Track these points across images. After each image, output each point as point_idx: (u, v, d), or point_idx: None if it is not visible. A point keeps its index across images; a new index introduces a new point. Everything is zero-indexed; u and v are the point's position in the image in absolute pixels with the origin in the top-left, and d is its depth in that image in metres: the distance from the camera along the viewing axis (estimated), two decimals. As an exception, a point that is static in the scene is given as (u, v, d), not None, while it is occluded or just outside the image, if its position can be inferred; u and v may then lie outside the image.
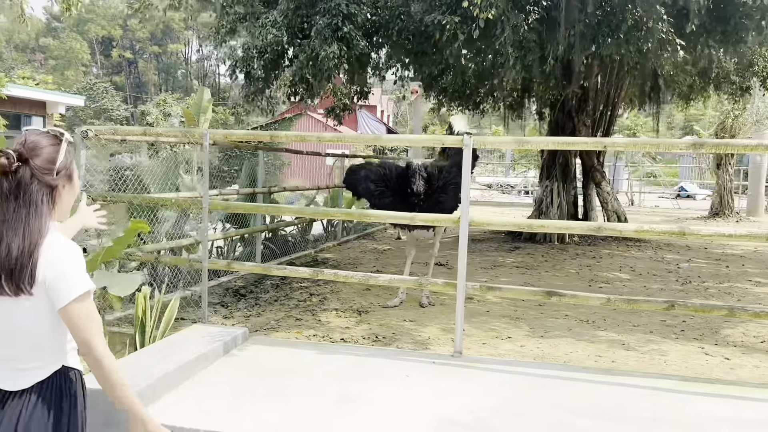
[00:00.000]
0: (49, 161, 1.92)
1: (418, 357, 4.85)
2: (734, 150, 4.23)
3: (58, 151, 1.94)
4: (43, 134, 1.95)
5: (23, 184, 1.86)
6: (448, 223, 4.93)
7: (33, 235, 1.83)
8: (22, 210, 1.85)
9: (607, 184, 12.98)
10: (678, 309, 4.42)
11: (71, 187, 2.01)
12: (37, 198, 1.87)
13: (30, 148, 1.90)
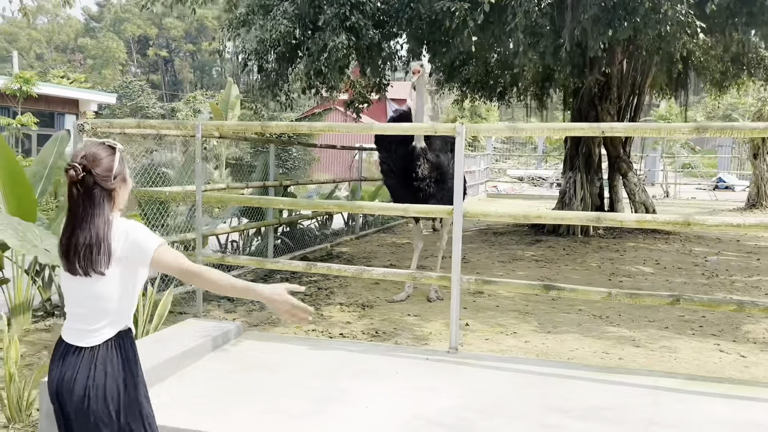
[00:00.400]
0: (107, 170, 2.29)
1: (412, 353, 4.70)
2: (741, 134, 3.96)
3: (113, 161, 2.32)
4: (101, 146, 2.33)
5: (88, 189, 2.26)
6: (442, 214, 4.75)
7: (98, 229, 2.25)
8: (88, 210, 2.26)
9: (634, 174, 12.56)
10: (683, 303, 4.17)
11: (125, 186, 2.40)
12: (99, 200, 2.27)
13: (91, 159, 2.27)
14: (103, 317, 2.29)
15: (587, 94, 11.29)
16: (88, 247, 2.23)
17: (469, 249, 11.06)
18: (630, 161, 12.68)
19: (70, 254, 2.26)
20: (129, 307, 2.38)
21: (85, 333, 2.28)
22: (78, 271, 2.25)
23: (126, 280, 2.33)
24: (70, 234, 2.27)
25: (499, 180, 34.69)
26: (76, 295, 2.32)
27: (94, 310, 2.29)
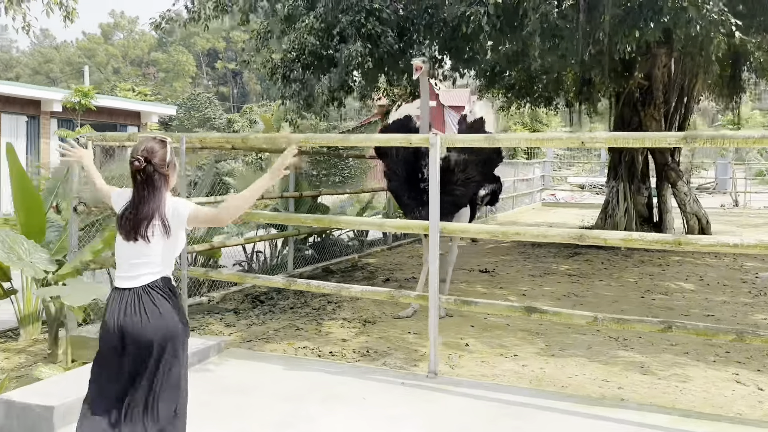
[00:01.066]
0: (162, 159, 2.87)
1: (390, 377, 4.46)
2: (734, 143, 3.54)
3: (166, 152, 2.89)
4: (155, 141, 2.89)
5: (149, 175, 2.83)
6: (419, 230, 4.49)
7: (154, 205, 2.81)
8: (150, 190, 2.82)
9: (684, 183, 11.82)
10: (676, 331, 3.76)
11: (175, 171, 2.98)
12: (157, 183, 2.85)
13: (150, 152, 2.83)
14: (151, 267, 2.82)
15: (628, 98, 10.69)
16: (145, 220, 2.79)
17: (501, 261, 10.68)
18: (679, 169, 11.95)
19: (127, 225, 2.81)
20: (171, 261, 2.93)
21: (135, 279, 2.80)
22: (137, 238, 2.79)
23: (170, 243, 2.85)
24: (135, 210, 2.82)
25: (558, 188, 33.71)
26: (128, 254, 2.84)
27: (143, 263, 2.81)
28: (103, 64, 77.09)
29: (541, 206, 26.71)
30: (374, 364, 5.10)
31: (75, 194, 5.59)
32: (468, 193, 6.17)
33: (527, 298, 7.77)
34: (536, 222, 18.90)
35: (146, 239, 2.78)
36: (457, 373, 4.90)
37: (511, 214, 21.68)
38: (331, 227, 6.05)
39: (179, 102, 54.15)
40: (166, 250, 2.85)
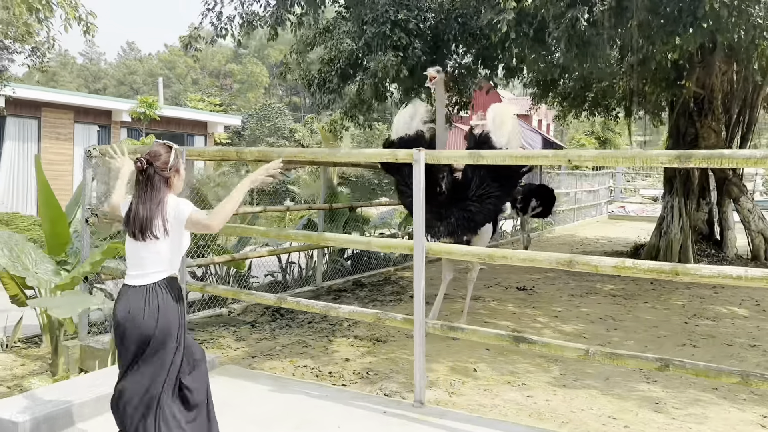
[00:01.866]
0: (164, 162, 3.07)
1: (373, 404, 4.24)
2: (733, 163, 3.12)
3: (169, 157, 3.09)
4: (162, 146, 3.12)
5: (150, 176, 3.03)
6: (404, 250, 4.27)
7: (153, 205, 2.98)
8: (149, 192, 3.01)
9: (747, 200, 11.00)
10: (673, 370, 3.37)
11: (179, 176, 3.16)
12: (158, 185, 3.02)
13: (153, 155, 3.06)
14: (156, 266, 3.01)
15: (683, 109, 10.04)
16: (144, 219, 2.96)
17: (544, 279, 10.24)
18: (742, 184, 11.12)
19: (131, 224, 2.99)
20: (176, 260, 3.10)
21: (141, 277, 3.00)
22: (142, 238, 2.97)
23: (174, 242, 3.04)
24: (133, 209, 3.00)
25: (628, 200, 32.37)
26: (135, 253, 3.04)
27: (149, 261, 3.01)
28: (182, 75, 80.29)
29: (607, 219, 25.70)
30: (370, 388, 4.89)
31: (87, 206, 5.67)
32: (484, 210, 5.86)
33: (558, 319, 7.38)
34: (594, 236, 18.17)
35: (150, 238, 2.97)
36: (453, 402, 4.63)
37: (570, 227, 20.95)
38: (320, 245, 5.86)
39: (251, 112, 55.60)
40: (169, 249, 3.04)
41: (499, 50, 7.73)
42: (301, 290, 8.33)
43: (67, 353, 5.48)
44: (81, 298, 4.62)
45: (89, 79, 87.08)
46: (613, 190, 34.35)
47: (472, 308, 7.88)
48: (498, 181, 5.84)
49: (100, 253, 4.99)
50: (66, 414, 3.76)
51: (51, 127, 19.38)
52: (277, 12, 8.16)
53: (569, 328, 6.94)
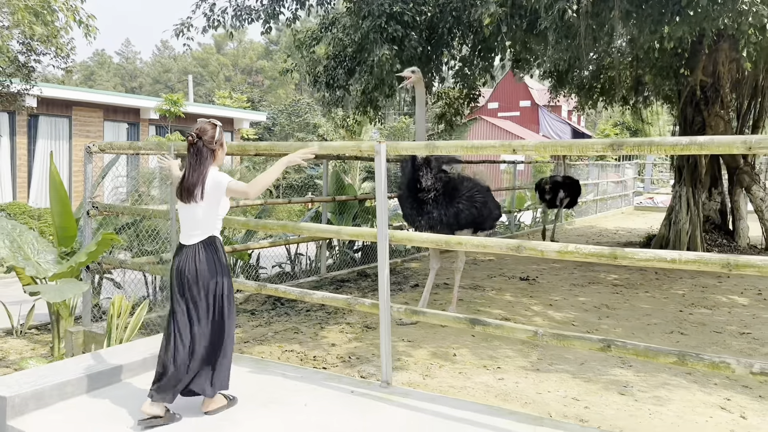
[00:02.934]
0: (211, 137, 3.70)
1: (344, 384, 4.44)
2: (661, 150, 3.20)
3: (215, 132, 3.73)
4: (208, 123, 3.75)
5: (198, 149, 3.67)
6: (370, 238, 4.46)
7: (201, 174, 3.64)
8: (197, 161, 3.65)
9: (760, 188, 10.85)
10: (615, 350, 3.49)
11: (222, 149, 3.80)
12: (204, 155, 3.67)
13: (201, 130, 3.69)
14: (198, 228, 3.71)
15: (690, 97, 9.97)
16: (190, 185, 3.63)
17: (549, 269, 10.31)
18: (755, 173, 10.97)
19: (182, 189, 3.66)
20: (215, 222, 3.76)
21: (189, 237, 3.73)
22: (185, 199, 3.66)
23: (213, 207, 3.69)
24: (185, 177, 3.67)
25: (657, 191, 31.87)
26: (184, 216, 3.76)
27: (193, 224, 3.71)
28: (215, 73, 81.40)
29: (633, 210, 25.41)
30: (349, 371, 5.11)
31: (89, 199, 6.00)
32: (467, 211, 6.10)
33: (552, 308, 7.48)
34: (615, 227, 18.06)
35: (196, 201, 3.63)
36: (426, 384, 4.82)
37: (593, 218, 20.82)
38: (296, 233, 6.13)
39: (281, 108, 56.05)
40: (212, 213, 3.72)
41: (494, 42, 7.82)
42: (305, 280, 8.59)
43: (71, 338, 5.83)
44: (72, 285, 4.92)
45: (125, 78, 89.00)
46: (643, 180, 33.95)
47: (470, 297, 8.04)
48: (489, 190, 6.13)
49: (96, 244, 5.29)
50: (52, 390, 4.05)
51: (81, 126, 20.00)
52: (269, 7, 8.37)
53: (560, 316, 7.04)
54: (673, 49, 7.76)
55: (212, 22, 8.68)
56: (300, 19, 9.28)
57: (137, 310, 5.29)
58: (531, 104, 42.60)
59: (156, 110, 20.22)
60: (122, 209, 6.09)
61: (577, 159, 24.58)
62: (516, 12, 7.26)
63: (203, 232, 3.71)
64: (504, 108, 43.63)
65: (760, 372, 3.15)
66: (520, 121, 42.01)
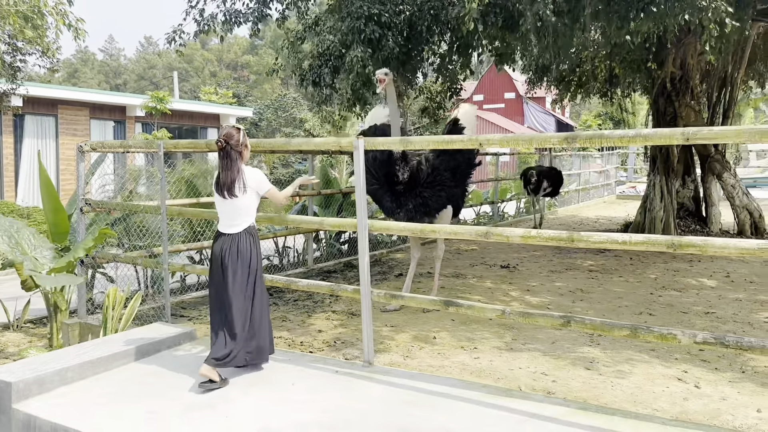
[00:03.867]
0: (237, 141, 4.29)
1: (330, 365, 4.74)
2: (611, 142, 3.53)
3: (240, 136, 4.32)
4: (233, 128, 4.33)
5: (227, 152, 4.26)
6: (349, 228, 4.76)
7: (234, 172, 4.25)
8: (228, 162, 4.25)
9: (731, 176, 11.26)
10: (574, 325, 3.82)
11: (247, 149, 4.40)
12: (234, 157, 4.27)
13: (228, 135, 4.29)
14: (238, 218, 4.33)
15: (662, 89, 10.33)
16: (228, 183, 4.24)
17: (531, 257, 10.66)
18: (726, 161, 11.38)
19: (221, 187, 4.27)
20: (252, 213, 4.40)
21: (230, 226, 4.35)
22: (225, 196, 4.26)
23: (250, 200, 4.34)
24: (219, 176, 4.30)
25: (640, 180, 32.40)
26: (223, 209, 4.36)
27: (233, 215, 4.33)
28: (200, 68, 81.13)
29: (615, 199, 25.86)
30: (334, 354, 5.42)
31: (82, 196, 6.25)
32: (437, 196, 6.38)
33: (529, 293, 7.81)
34: (596, 216, 18.46)
35: (234, 196, 4.23)
36: (406, 364, 5.13)
37: (574, 207, 21.22)
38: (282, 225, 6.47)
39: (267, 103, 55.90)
40: (249, 205, 4.34)
41: (472, 40, 8.11)
42: (292, 272, 8.88)
43: (67, 329, 6.09)
44: (67, 278, 5.19)
45: (110, 75, 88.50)
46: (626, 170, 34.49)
47: (452, 285, 8.36)
48: (448, 171, 6.39)
49: (92, 239, 5.55)
50: (54, 376, 4.33)
51: (68, 124, 20.09)
52: (258, 9, 8.61)
53: (536, 301, 7.38)
54: (642, 43, 8.08)
55: (203, 27, 8.91)
56: (288, 20, 9.52)
57: (131, 302, 5.56)
58: (516, 96, 42.95)
59: (142, 107, 20.35)
60: (114, 206, 6.34)
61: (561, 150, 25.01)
62: (491, 10, 7.56)
63: (244, 221, 4.34)
64: (489, 100, 43.97)
65: (702, 341, 3.49)
66: (506, 113, 42.38)
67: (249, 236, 4.35)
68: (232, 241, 4.30)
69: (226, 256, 4.27)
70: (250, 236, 4.37)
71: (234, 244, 4.29)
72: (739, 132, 3.10)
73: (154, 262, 6.08)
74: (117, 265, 6.91)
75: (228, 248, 4.28)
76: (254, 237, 4.40)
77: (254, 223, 4.45)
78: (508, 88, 42.86)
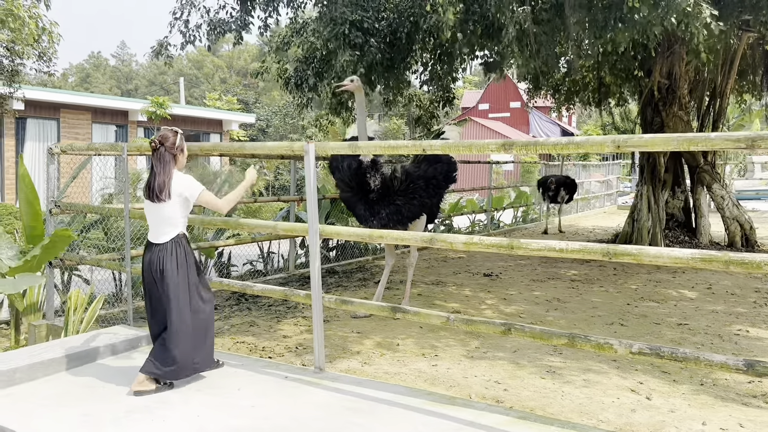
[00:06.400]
0: (172, 143, 4.15)
1: (281, 371, 4.71)
2: (545, 149, 3.49)
3: (176, 139, 4.16)
4: (170, 131, 4.18)
5: (160, 154, 4.11)
6: (302, 233, 4.74)
7: (165, 176, 4.08)
8: (160, 166, 4.09)
9: (721, 187, 11.15)
10: (515, 333, 3.78)
11: (183, 154, 4.25)
12: (167, 159, 4.11)
13: (163, 138, 4.14)
14: (165, 227, 4.15)
15: (649, 98, 10.27)
16: (157, 187, 4.05)
17: (515, 266, 10.60)
18: (715, 171, 11.28)
19: (150, 189, 4.08)
20: (179, 224, 4.19)
21: (157, 236, 4.17)
22: (153, 200, 4.08)
23: (177, 208, 4.14)
24: (150, 179, 4.12)
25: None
26: (151, 216, 4.20)
27: (160, 222, 4.15)
28: (210, 75, 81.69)
29: (616, 209, 25.69)
30: (294, 360, 5.39)
31: (51, 198, 6.28)
32: (410, 204, 6.37)
33: (506, 302, 7.76)
34: (592, 226, 18.36)
35: (164, 200, 4.05)
36: (363, 371, 5.10)
37: (573, 217, 21.10)
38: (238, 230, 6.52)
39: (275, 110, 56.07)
40: (179, 212, 4.17)
41: (452, 49, 8.10)
42: (272, 277, 8.88)
43: (34, 330, 6.11)
44: (28, 278, 5.21)
45: (121, 80, 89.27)
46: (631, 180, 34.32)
47: (430, 292, 8.33)
48: (422, 180, 6.38)
49: (50, 241, 5.57)
50: (1, 376, 4.33)
51: (69, 128, 20.23)
52: (241, 18, 8.66)
53: (510, 309, 7.33)
54: (625, 52, 8.04)
55: (189, 38, 8.97)
56: (270, 28, 9.57)
57: (93, 304, 5.57)
58: (521, 105, 42.90)
59: (142, 112, 20.50)
60: (81, 207, 6.36)
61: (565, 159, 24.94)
62: (470, 18, 7.55)
63: (171, 230, 4.14)
64: (494, 109, 43.96)
65: (638, 352, 3.44)
66: (511, 122, 42.34)
67: (176, 246, 4.15)
68: (160, 251, 4.12)
69: (155, 267, 4.10)
70: (178, 246, 4.16)
71: (161, 255, 4.11)
72: (668, 140, 3.06)
73: (118, 264, 6.09)
74: (92, 267, 6.93)
75: (158, 259, 4.11)
76: (182, 247, 4.19)
77: (183, 233, 4.24)
78: (514, 97, 42.82)
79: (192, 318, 4.19)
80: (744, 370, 3.17)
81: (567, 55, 8.89)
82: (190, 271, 4.21)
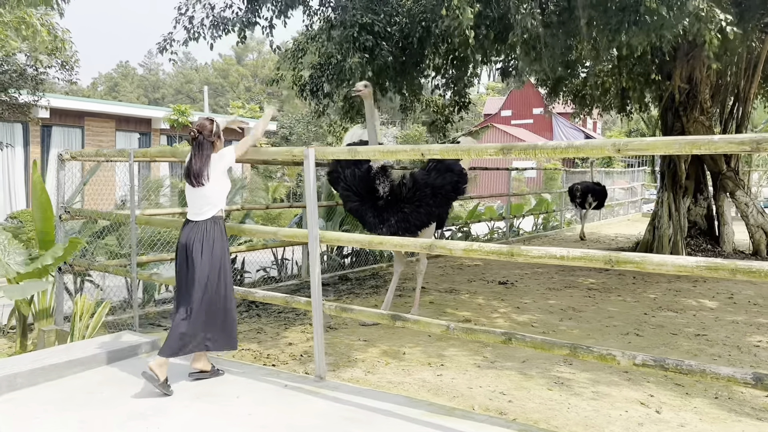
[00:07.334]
0: (210, 131, 4.47)
1: (282, 379, 4.66)
2: (544, 154, 3.38)
3: (213, 127, 4.49)
4: (206, 120, 4.52)
5: (199, 142, 4.44)
6: (302, 239, 4.68)
7: (203, 162, 4.41)
8: (199, 152, 4.43)
9: (744, 194, 10.86)
10: (516, 343, 3.67)
11: (220, 140, 4.58)
12: (205, 147, 4.44)
13: (201, 126, 4.48)
14: (205, 206, 4.45)
15: (669, 103, 10.05)
16: (197, 171, 4.39)
17: (532, 274, 10.43)
18: (738, 178, 10.98)
19: (190, 175, 4.41)
20: (218, 203, 4.51)
21: (197, 214, 4.47)
22: (194, 183, 4.42)
23: (217, 189, 4.48)
24: (190, 165, 4.45)
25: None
26: (191, 197, 4.52)
27: (200, 203, 4.45)
28: (235, 83, 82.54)
29: (641, 216, 25.26)
30: (298, 368, 5.32)
31: (61, 204, 6.31)
32: (418, 213, 6.27)
33: (519, 311, 7.62)
34: (614, 233, 18.07)
35: (203, 183, 4.37)
36: (367, 380, 4.99)
37: (595, 224, 20.81)
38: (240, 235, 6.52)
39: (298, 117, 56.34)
40: (218, 193, 4.49)
41: (464, 53, 8.00)
42: (284, 284, 8.85)
43: (44, 335, 6.13)
44: (34, 284, 5.22)
45: (149, 89, 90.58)
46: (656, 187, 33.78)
47: (443, 300, 8.23)
48: (429, 188, 6.28)
49: (62, 248, 5.59)
50: (2, 381, 4.34)
51: (94, 135, 20.50)
52: (245, 16, 8.64)
53: (523, 318, 7.18)
54: (642, 56, 7.88)
55: (192, 34, 8.98)
56: (275, 29, 9.58)
57: (99, 310, 5.57)
58: (544, 111, 42.56)
59: (165, 120, 20.73)
60: (91, 213, 6.39)
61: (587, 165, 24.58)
62: (482, 22, 7.45)
63: (211, 209, 4.47)
64: (517, 116, 43.68)
65: (641, 363, 3.31)
66: (534, 129, 42.02)
67: (214, 224, 4.45)
68: (197, 228, 4.41)
69: (190, 242, 4.38)
70: (215, 224, 4.46)
71: (199, 231, 4.40)
72: (669, 143, 2.94)
73: (124, 270, 6.09)
74: (104, 273, 6.95)
75: (194, 234, 4.39)
76: (219, 225, 4.50)
77: (222, 213, 4.55)
78: (537, 103, 42.50)
79: (213, 295, 4.37)
80: (753, 384, 3.03)
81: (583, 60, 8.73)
82: (223, 252, 4.47)
